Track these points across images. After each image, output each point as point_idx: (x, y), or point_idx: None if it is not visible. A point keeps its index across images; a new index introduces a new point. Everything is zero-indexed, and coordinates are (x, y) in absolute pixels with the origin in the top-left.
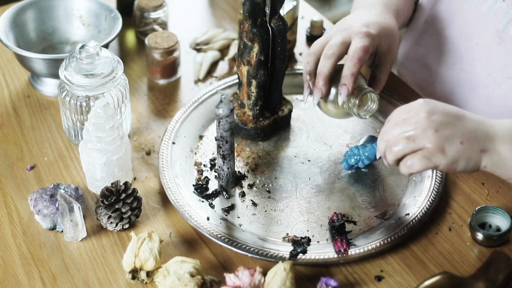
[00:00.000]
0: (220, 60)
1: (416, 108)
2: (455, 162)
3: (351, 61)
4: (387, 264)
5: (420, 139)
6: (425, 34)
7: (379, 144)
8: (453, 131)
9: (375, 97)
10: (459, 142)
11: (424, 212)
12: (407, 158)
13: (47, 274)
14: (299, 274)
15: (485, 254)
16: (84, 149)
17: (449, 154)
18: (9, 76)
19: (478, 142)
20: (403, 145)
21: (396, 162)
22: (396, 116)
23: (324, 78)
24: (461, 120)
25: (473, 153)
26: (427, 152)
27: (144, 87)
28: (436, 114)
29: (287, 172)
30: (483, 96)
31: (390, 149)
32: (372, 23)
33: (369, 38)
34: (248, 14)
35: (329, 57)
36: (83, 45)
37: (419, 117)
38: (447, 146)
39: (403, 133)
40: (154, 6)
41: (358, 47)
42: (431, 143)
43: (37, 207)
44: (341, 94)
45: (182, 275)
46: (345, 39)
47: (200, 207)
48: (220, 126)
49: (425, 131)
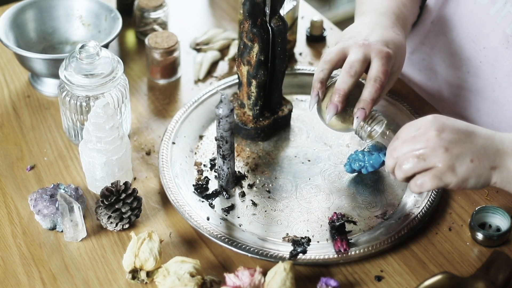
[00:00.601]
0: (220, 60)
1: (426, 126)
2: (465, 181)
3: (373, 86)
4: (387, 264)
5: (430, 158)
6: (431, 34)
7: (387, 161)
8: (463, 149)
9: (383, 123)
10: (469, 160)
11: (424, 212)
12: (418, 177)
13: (47, 274)
14: (299, 274)
15: (485, 254)
16: (84, 149)
17: (459, 173)
18: (9, 76)
19: (488, 159)
20: (413, 164)
21: (406, 179)
22: (406, 133)
23: (343, 96)
24: (471, 137)
25: (483, 170)
26: (437, 172)
27: (144, 87)
28: (446, 132)
29: (287, 172)
30: (488, 100)
31: (399, 167)
32: (390, 42)
33: (389, 60)
34: (248, 14)
35: (352, 76)
36: (83, 45)
37: (429, 135)
38: (457, 165)
39: (413, 151)
40: (154, 6)
41: (380, 71)
42: (441, 163)
43: (37, 207)
44: (357, 118)
45: (182, 275)
46: (366, 56)
47: (200, 207)
48: (220, 126)
49: (435, 150)
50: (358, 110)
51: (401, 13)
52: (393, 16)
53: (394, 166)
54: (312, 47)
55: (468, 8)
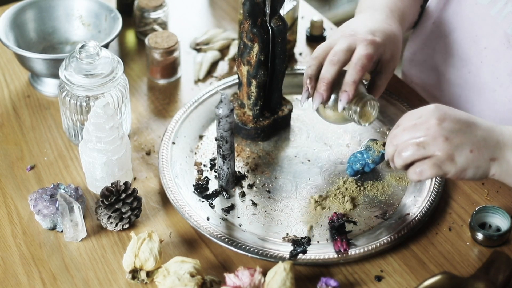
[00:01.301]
0: (220, 60)
1: (427, 114)
2: (464, 171)
3: (354, 68)
4: (387, 264)
5: (430, 146)
6: (432, 35)
7: (387, 148)
8: (463, 139)
9: (376, 105)
10: (469, 150)
11: (424, 212)
12: (417, 165)
13: (47, 274)
14: (299, 274)
15: (485, 254)
16: (84, 149)
17: (458, 162)
18: (9, 76)
19: (487, 151)
20: (413, 151)
21: (405, 167)
22: (407, 121)
23: (327, 84)
24: (471, 128)
25: (483, 161)
26: (437, 160)
27: (144, 87)
28: (447, 121)
29: (287, 172)
30: (489, 100)
31: (399, 154)
32: (378, 31)
33: (374, 46)
34: (248, 14)
35: (334, 64)
36: (83, 45)
37: (429, 124)
38: (457, 154)
39: (413, 139)
40: (154, 6)
41: (362, 55)
42: (441, 151)
43: (37, 207)
44: (341, 100)
45: (182, 275)
46: (350, 45)
47: (200, 207)
48: (220, 126)
49: (435, 138)
50: (341, 93)
51: (397, 8)
52: (387, 9)
53: (394, 153)
54: (312, 47)
55: (469, 9)
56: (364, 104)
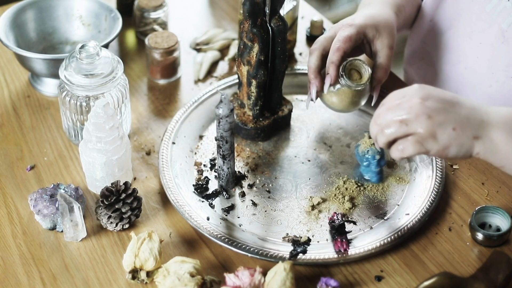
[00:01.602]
0: (220, 60)
1: (411, 93)
2: (446, 148)
3: (331, 50)
4: (387, 264)
5: (412, 123)
6: (430, 32)
7: (371, 128)
8: (446, 117)
9: (361, 63)
10: (451, 128)
11: (424, 212)
12: (399, 142)
13: (47, 274)
14: (299, 274)
15: (485, 254)
16: (84, 149)
17: (441, 140)
18: (9, 76)
19: (471, 129)
20: (395, 128)
21: (388, 145)
22: (390, 101)
23: (313, 73)
24: (455, 107)
25: (466, 139)
26: (419, 137)
27: (144, 87)
28: (430, 100)
29: (287, 172)
30: (485, 95)
31: (382, 132)
32: (360, 16)
33: (351, 27)
34: (248, 14)
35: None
36: (83, 45)
37: (412, 102)
38: (439, 132)
39: (396, 117)
40: (154, 6)
41: (338, 38)
42: (423, 129)
43: (37, 207)
44: (325, 82)
45: (182, 275)
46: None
47: (200, 207)
48: (220, 126)
49: (418, 116)
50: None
51: (394, 1)
52: (385, 2)
53: (377, 132)
54: None
55: (465, 5)
56: (350, 65)
